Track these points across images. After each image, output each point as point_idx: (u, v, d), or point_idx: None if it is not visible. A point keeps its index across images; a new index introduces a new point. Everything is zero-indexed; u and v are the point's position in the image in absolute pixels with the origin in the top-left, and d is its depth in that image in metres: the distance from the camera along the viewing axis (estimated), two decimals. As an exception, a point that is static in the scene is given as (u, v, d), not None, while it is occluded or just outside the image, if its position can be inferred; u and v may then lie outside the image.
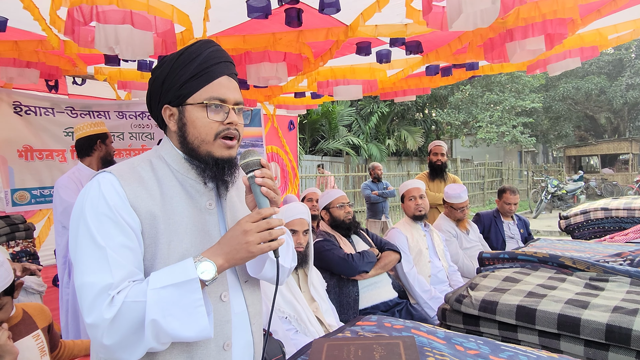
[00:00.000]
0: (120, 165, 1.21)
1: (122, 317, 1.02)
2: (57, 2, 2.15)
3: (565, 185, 15.36)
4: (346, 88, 4.11)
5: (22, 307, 1.92)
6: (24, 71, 3.15)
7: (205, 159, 1.21)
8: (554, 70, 3.66)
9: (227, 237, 1.15)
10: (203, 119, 1.19)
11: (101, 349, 1.06)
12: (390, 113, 18.50)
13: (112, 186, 1.13)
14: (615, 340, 1.74)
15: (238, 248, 1.12)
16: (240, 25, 2.88)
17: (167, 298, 1.04)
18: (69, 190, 2.98)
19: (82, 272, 1.06)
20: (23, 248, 3.76)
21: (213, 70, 1.21)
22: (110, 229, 1.09)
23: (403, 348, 1.54)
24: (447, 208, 4.15)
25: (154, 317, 1.01)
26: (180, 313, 1.04)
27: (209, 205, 1.25)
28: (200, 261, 1.09)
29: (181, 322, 1.04)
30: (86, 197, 1.13)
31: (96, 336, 1.03)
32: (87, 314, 1.03)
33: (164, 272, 1.09)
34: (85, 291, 1.04)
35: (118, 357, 1.06)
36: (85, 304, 1.04)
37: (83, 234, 1.09)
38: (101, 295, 1.03)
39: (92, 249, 1.07)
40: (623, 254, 2.77)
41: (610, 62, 21.72)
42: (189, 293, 1.05)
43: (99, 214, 1.10)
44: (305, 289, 2.55)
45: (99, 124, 3.21)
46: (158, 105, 1.25)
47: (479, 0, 1.99)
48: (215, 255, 1.12)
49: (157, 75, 1.24)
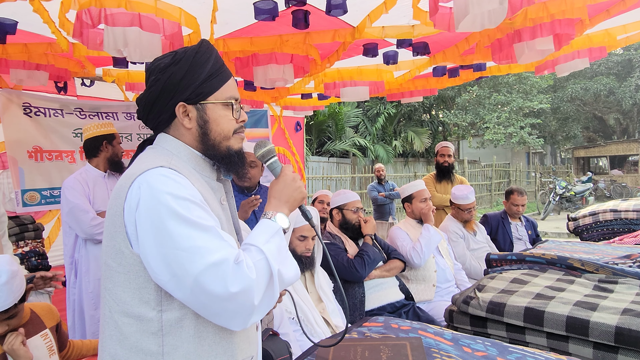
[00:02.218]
0: (162, 161, 1.16)
1: (260, 275, 1.09)
2: (66, 5, 2.17)
3: (574, 186, 15.23)
4: (353, 89, 4.11)
5: (30, 307, 1.93)
6: (34, 73, 3.18)
7: (226, 154, 1.27)
8: (562, 70, 3.64)
9: (278, 190, 1.30)
10: (226, 117, 1.26)
11: (248, 316, 1.09)
12: (397, 114, 18.46)
13: (181, 178, 1.13)
14: (624, 343, 1.73)
15: (295, 194, 1.30)
16: (248, 27, 2.89)
17: (274, 249, 1.15)
18: (75, 191, 3.00)
19: (201, 257, 1.04)
20: (32, 248, 3.80)
21: (225, 71, 1.27)
22: (204, 214, 1.11)
23: (410, 349, 1.54)
24: (454, 209, 4.13)
25: (278, 267, 1.12)
26: (284, 259, 1.18)
27: (222, 201, 1.32)
28: (274, 215, 1.23)
29: (288, 266, 1.18)
30: (160, 190, 1.07)
31: (245, 301, 1.06)
32: (233, 284, 1.04)
33: (255, 234, 1.18)
34: (219, 269, 1.04)
35: (257, 318, 1.12)
36: (226, 278, 1.04)
37: (178, 224, 1.05)
38: (238, 264, 1.06)
39: (200, 233, 1.06)
40: (632, 256, 2.75)
41: (619, 62, 21.51)
42: (283, 241, 1.20)
43: (187, 202, 1.08)
44: (311, 289, 2.55)
45: (107, 125, 3.22)
46: (170, 101, 1.21)
47: (487, 1, 1.99)
48: (279, 207, 1.28)
49: (173, 71, 1.20)
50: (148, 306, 1.11)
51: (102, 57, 3.22)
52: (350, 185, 14.31)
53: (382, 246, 3.32)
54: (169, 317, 1.11)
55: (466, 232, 4.06)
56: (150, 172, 1.10)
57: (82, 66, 3.37)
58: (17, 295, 1.70)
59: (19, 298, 1.71)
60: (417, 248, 3.30)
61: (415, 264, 3.31)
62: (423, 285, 3.38)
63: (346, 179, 14.24)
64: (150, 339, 1.11)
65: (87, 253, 3.08)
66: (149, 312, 1.11)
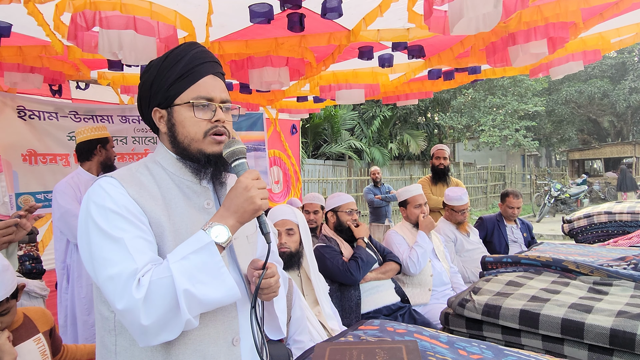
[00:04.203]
0: (120, 171, 1.23)
1: (154, 295, 1.03)
2: (61, 8, 2.16)
3: (569, 189, 15.31)
4: (348, 92, 4.12)
5: (22, 311, 1.92)
6: (28, 76, 3.17)
7: (197, 157, 1.24)
8: (556, 73, 3.66)
9: (230, 199, 1.16)
10: (191, 118, 1.22)
11: (142, 335, 1.06)
12: (393, 117, 18.50)
13: (115, 188, 1.15)
14: (619, 345, 1.74)
15: (245, 205, 1.14)
16: (243, 30, 2.89)
17: (190, 266, 1.06)
18: (66, 196, 2.98)
19: (104, 268, 1.06)
20: (26, 252, 3.77)
21: (198, 71, 1.23)
22: (122, 224, 1.10)
23: (406, 352, 1.54)
24: (447, 211, 4.14)
25: (185, 287, 1.04)
26: (206, 277, 1.07)
27: (207, 205, 1.28)
28: (210, 227, 1.11)
29: (209, 286, 1.07)
30: (90, 199, 1.14)
31: (133, 320, 1.03)
32: (119, 301, 1.03)
33: (179, 248, 1.10)
34: (112, 283, 1.05)
35: (159, 339, 1.07)
36: (115, 294, 1.04)
37: (95, 233, 1.10)
38: (129, 280, 1.04)
39: (109, 244, 1.08)
40: (627, 258, 2.76)
41: (613, 65, 21.65)
42: (209, 257, 1.08)
43: (107, 212, 1.10)
44: (307, 292, 2.54)
45: (101, 129, 3.20)
46: (148, 108, 1.28)
47: (481, 5, 2.00)
48: (224, 218, 1.14)
49: (145, 79, 1.27)
50: (105, 305, 1.18)
51: (97, 60, 3.21)
52: (346, 188, 14.32)
53: (377, 249, 3.32)
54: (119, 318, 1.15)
55: (459, 233, 4.06)
56: (97, 181, 1.17)
57: (76, 69, 3.36)
58: (9, 289, 1.69)
59: (10, 292, 1.69)
60: (412, 258, 3.31)
61: (412, 273, 3.33)
62: (419, 289, 3.38)
63: (342, 182, 14.24)
64: (109, 337, 1.19)
65: (79, 258, 3.05)
66: (106, 311, 1.18)
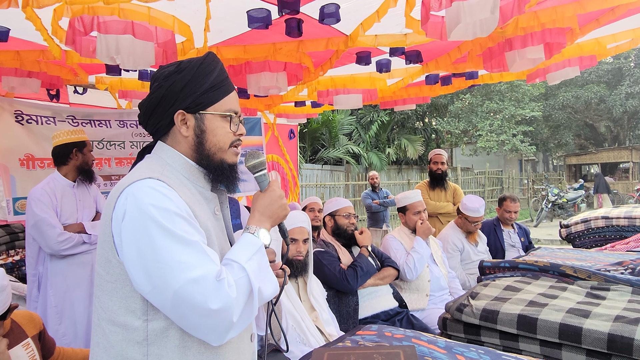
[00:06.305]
0: (153, 172, 1.17)
1: (240, 293, 1.10)
2: (59, 13, 2.17)
3: (566, 193, 15.32)
4: (346, 97, 4.13)
5: (10, 317, 1.90)
6: (26, 81, 3.16)
7: (217, 165, 1.28)
8: (553, 79, 3.68)
9: (264, 205, 1.30)
10: (224, 128, 1.27)
11: (224, 332, 1.10)
12: (391, 122, 18.53)
13: (168, 190, 1.12)
14: (617, 350, 1.74)
15: (279, 211, 1.32)
16: (241, 35, 2.90)
17: (256, 267, 1.16)
18: (42, 204, 2.89)
19: (181, 272, 1.05)
20: (23, 257, 3.76)
21: (228, 84, 1.30)
22: (188, 227, 1.10)
23: (404, 357, 1.53)
24: (461, 218, 4.06)
25: (258, 285, 1.14)
26: (265, 276, 1.19)
27: (216, 211, 1.31)
28: (257, 230, 1.24)
29: (268, 283, 1.19)
30: (144, 202, 1.08)
31: (224, 318, 1.07)
32: (212, 301, 1.05)
33: (237, 249, 1.19)
34: (198, 285, 1.04)
35: (236, 332, 1.13)
36: (206, 295, 1.04)
37: (161, 237, 1.06)
38: (219, 281, 1.07)
39: (183, 247, 1.07)
40: (624, 263, 2.76)
41: (610, 70, 21.75)
42: (264, 257, 1.21)
43: (172, 215, 1.08)
44: (305, 298, 2.54)
45: (78, 132, 3.12)
46: (170, 108, 1.23)
47: (478, 10, 2.01)
48: (262, 223, 1.28)
49: (175, 79, 1.22)
50: (134, 315, 1.12)
51: (94, 65, 3.21)
52: (344, 193, 14.31)
53: (376, 254, 3.31)
54: (154, 327, 1.12)
55: (467, 243, 4.03)
56: (137, 184, 1.12)
57: (74, 74, 3.36)
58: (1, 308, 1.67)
59: (2, 312, 1.68)
60: (409, 263, 3.29)
61: (408, 278, 3.32)
62: (417, 294, 3.37)
63: (340, 187, 14.23)
64: (135, 348, 1.12)
65: (51, 267, 2.97)
66: (135, 321, 1.12)
